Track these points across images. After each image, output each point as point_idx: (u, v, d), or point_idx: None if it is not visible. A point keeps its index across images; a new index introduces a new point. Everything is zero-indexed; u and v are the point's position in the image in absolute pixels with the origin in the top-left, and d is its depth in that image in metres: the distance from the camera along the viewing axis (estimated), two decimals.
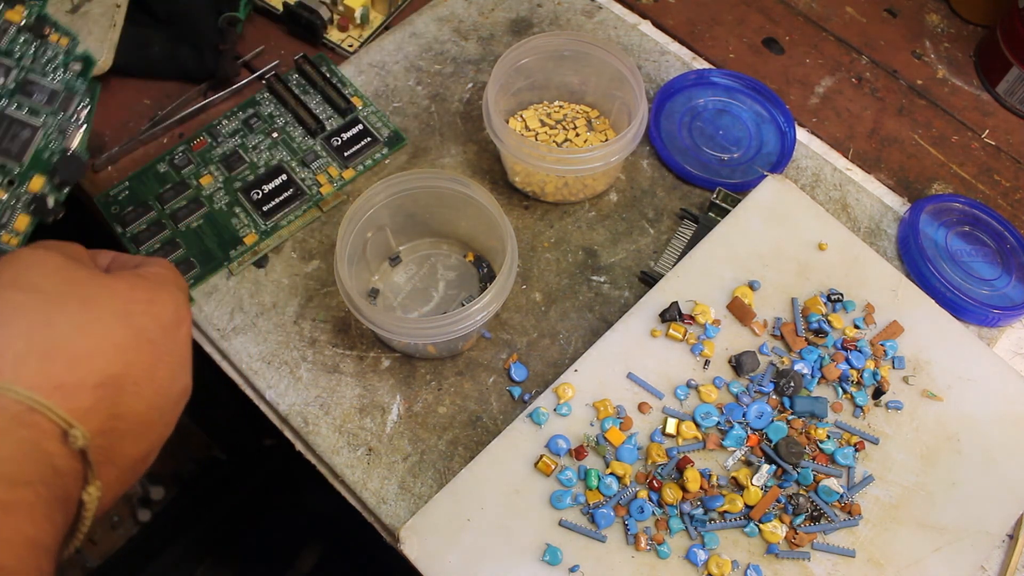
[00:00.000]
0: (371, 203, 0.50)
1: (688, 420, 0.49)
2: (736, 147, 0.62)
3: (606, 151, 0.53)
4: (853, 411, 0.50)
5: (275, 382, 0.52)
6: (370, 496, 0.49)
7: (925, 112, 0.66)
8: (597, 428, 0.48)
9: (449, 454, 0.50)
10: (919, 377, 0.51)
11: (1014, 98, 0.65)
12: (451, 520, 0.46)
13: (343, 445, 0.50)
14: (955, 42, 0.70)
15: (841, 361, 0.51)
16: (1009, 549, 0.48)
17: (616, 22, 0.68)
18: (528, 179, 0.57)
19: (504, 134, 0.54)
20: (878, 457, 0.49)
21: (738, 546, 0.46)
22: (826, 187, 0.61)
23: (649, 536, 0.46)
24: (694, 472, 0.47)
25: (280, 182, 0.57)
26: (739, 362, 0.50)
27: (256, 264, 0.56)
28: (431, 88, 0.64)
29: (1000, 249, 0.58)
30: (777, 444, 0.48)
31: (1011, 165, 0.63)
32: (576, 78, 0.61)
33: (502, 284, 0.48)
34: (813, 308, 0.52)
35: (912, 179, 0.62)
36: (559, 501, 0.46)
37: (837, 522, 0.46)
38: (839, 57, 0.68)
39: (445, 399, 0.52)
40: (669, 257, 0.56)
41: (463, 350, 0.53)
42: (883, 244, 0.59)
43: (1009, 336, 0.56)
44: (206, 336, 0.54)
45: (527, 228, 0.58)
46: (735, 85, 0.64)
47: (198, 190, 0.57)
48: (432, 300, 0.55)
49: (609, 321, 0.53)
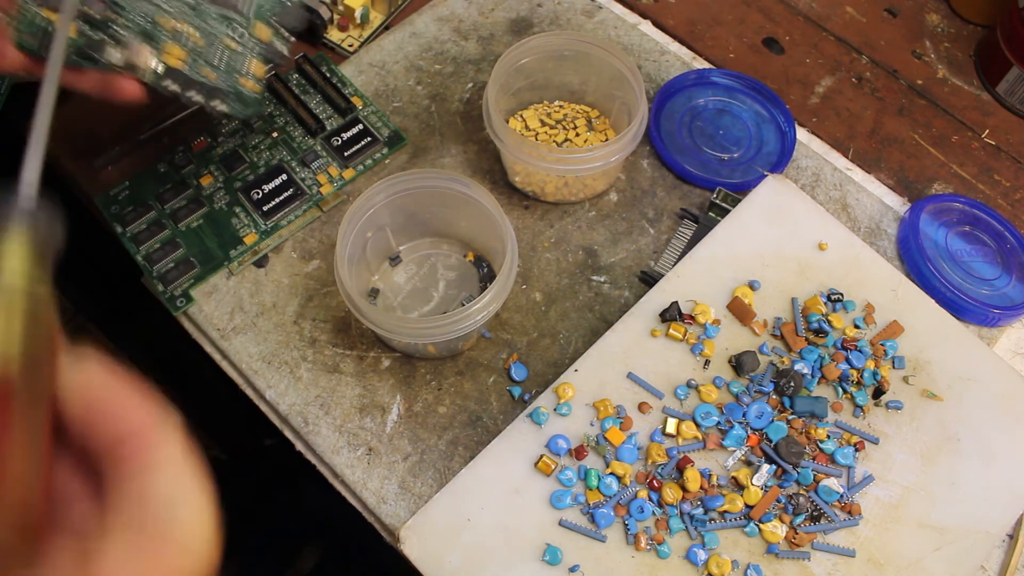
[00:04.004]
0: (371, 203, 0.50)
1: (688, 420, 0.49)
2: (736, 147, 0.62)
3: (606, 151, 0.52)
4: (853, 411, 0.50)
5: (275, 382, 0.52)
6: (370, 496, 0.49)
7: (925, 112, 0.66)
8: (597, 428, 0.48)
9: (449, 454, 0.50)
10: (919, 377, 0.51)
11: (1014, 98, 0.65)
12: (451, 520, 0.46)
13: (343, 445, 0.50)
14: (955, 42, 0.70)
15: (841, 361, 0.51)
16: (1009, 549, 0.48)
17: (616, 22, 0.68)
18: (528, 179, 0.57)
19: (504, 134, 0.54)
20: (878, 457, 0.49)
21: (738, 546, 0.46)
22: (826, 187, 0.61)
23: (649, 536, 0.46)
24: (694, 472, 0.47)
25: (280, 182, 0.57)
26: (739, 362, 0.50)
27: (256, 264, 0.56)
28: (431, 88, 0.64)
29: (1000, 249, 0.58)
30: (777, 444, 0.48)
31: (1011, 165, 0.63)
32: (576, 78, 0.61)
33: (502, 284, 0.48)
34: (813, 308, 0.52)
35: (912, 179, 0.62)
36: (559, 501, 0.46)
37: (837, 522, 0.46)
38: (839, 57, 0.68)
39: (445, 399, 0.52)
40: (669, 257, 0.56)
41: (463, 350, 0.53)
42: (883, 244, 0.59)
43: (1009, 336, 0.56)
44: (206, 336, 0.54)
45: (527, 228, 0.58)
46: (735, 85, 0.64)
47: (198, 190, 0.57)
48: (432, 300, 0.55)
49: (609, 321, 0.53)
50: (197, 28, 0.44)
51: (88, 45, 0.43)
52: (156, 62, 0.44)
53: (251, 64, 0.45)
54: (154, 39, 0.44)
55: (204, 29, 0.44)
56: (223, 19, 0.45)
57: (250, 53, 0.45)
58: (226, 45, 0.45)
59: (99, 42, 0.43)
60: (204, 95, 0.45)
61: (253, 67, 0.45)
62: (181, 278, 0.54)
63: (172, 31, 0.44)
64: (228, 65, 0.45)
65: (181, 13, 0.44)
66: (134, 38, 0.43)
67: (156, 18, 0.43)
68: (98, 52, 0.43)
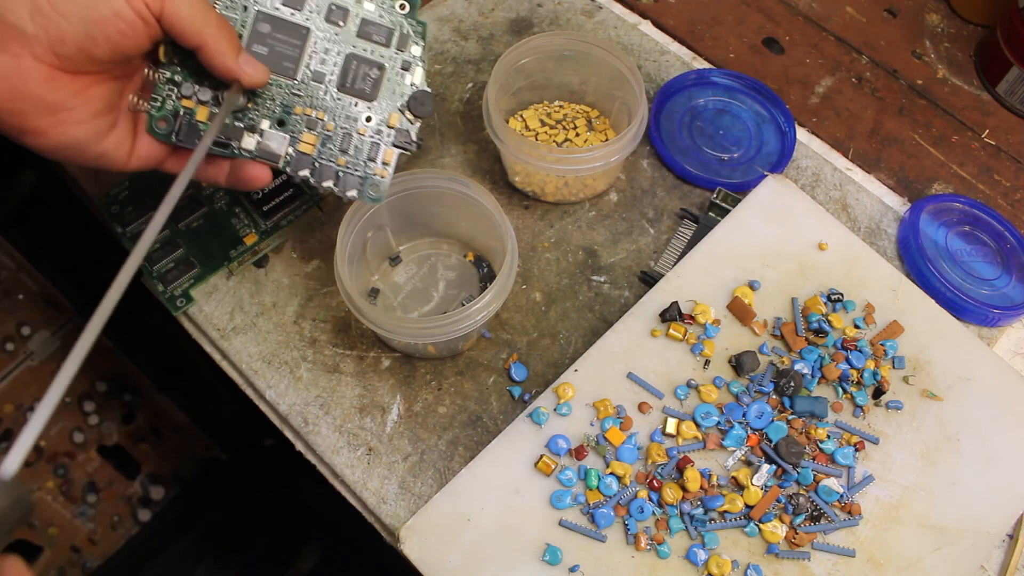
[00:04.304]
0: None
1: (688, 420, 0.49)
2: (736, 147, 0.62)
3: (606, 151, 0.53)
4: (853, 411, 0.50)
5: (275, 382, 0.52)
6: (370, 496, 0.49)
7: (925, 112, 0.66)
8: (597, 428, 0.48)
9: (449, 454, 0.50)
10: (919, 377, 0.51)
11: (1014, 98, 0.65)
12: (451, 520, 0.46)
13: (343, 445, 0.50)
14: (955, 42, 0.70)
15: (841, 361, 0.51)
16: (1009, 549, 0.48)
17: (616, 22, 0.68)
18: (528, 179, 0.57)
19: (504, 134, 0.54)
20: (878, 457, 0.49)
21: (738, 546, 0.46)
22: (826, 187, 0.61)
23: (649, 536, 0.46)
24: (694, 472, 0.47)
25: (280, 182, 0.57)
26: (739, 362, 0.50)
27: (256, 264, 0.56)
28: (431, 88, 0.63)
29: (1000, 249, 0.58)
30: (777, 444, 0.48)
31: (1011, 165, 0.63)
32: (576, 78, 0.61)
33: (502, 284, 0.48)
34: (813, 308, 0.52)
35: (912, 179, 0.62)
36: (559, 501, 0.46)
37: (837, 522, 0.46)
38: (839, 57, 0.68)
39: (445, 399, 0.52)
40: (669, 257, 0.56)
41: (463, 350, 0.53)
42: (883, 244, 0.59)
43: (1009, 336, 0.56)
44: (206, 336, 0.54)
45: (527, 228, 0.58)
46: (735, 85, 0.64)
47: (198, 190, 0.57)
48: (432, 300, 0.55)
49: (609, 321, 0.53)
50: (330, 115, 0.45)
51: (224, 132, 0.44)
52: (290, 149, 0.45)
53: (384, 152, 0.46)
54: (289, 126, 0.45)
55: (337, 116, 0.45)
56: (356, 108, 0.45)
57: (382, 140, 0.46)
58: (359, 132, 0.45)
59: (237, 130, 0.44)
60: (336, 183, 0.45)
61: (385, 154, 0.46)
62: (181, 278, 0.54)
63: (306, 118, 0.45)
64: (360, 152, 0.45)
65: (315, 101, 0.45)
66: (270, 126, 0.45)
67: (292, 107, 0.45)
68: (236, 140, 0.44)
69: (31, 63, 0.36)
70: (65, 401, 0.95)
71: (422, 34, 0.45)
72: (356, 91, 0.45)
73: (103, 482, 0.99)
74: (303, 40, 0.44)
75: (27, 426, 0.29)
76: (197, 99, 0.43)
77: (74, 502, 0.97)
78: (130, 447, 1.01)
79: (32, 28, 0.36)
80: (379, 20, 0.45)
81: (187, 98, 0.43)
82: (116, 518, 1.01)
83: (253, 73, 0.42)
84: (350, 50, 0.45)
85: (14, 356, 0.91)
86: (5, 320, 0.90)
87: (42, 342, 0.92)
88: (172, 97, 0.43)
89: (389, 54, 0.45)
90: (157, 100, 0.43)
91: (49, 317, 0.92)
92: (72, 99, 0.38)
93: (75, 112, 0.39)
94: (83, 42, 0.37)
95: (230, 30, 0.41)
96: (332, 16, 0.44)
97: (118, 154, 0.42)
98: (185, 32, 0.39)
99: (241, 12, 0.43)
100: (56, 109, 0.38)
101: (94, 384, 0.98)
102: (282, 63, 0.44)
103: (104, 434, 0.99)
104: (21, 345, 0.91)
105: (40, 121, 0.38)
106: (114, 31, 0.37)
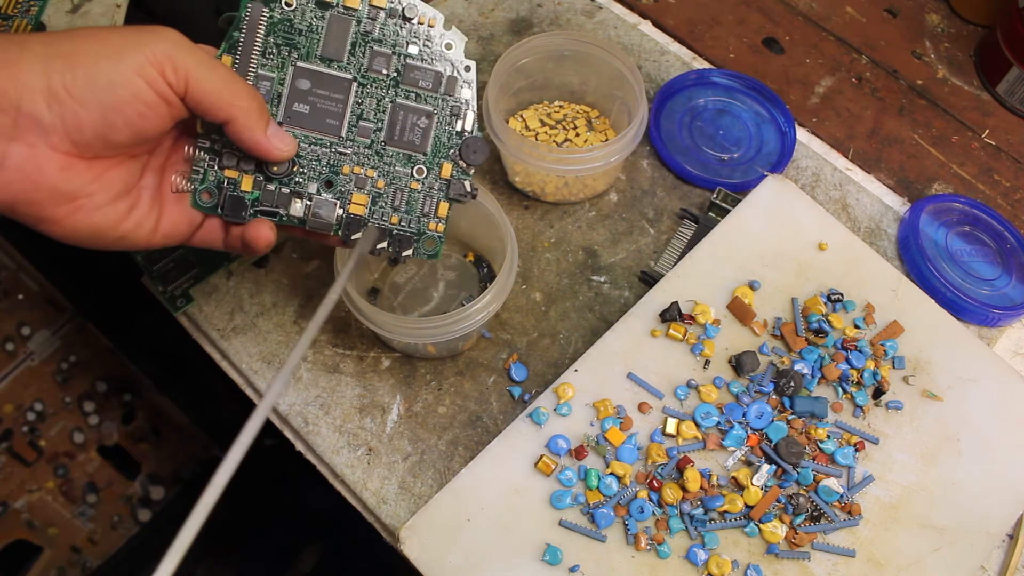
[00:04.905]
0: None
1: (688, 420, 0.49)
2: (736, 147, 0.62)
3: (606, 151, 0.53)
4: (853, 411, 0.50)
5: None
6: (370, 496, 0.49)
7: (925, 112, 0.66)
8: (597, 428, 0.48)
9: (449, 454, 0.50)
10: (919, 377, 0.51)
11: (1014, 98, 0.65)
12: (451, 520, 0.46)
13: (343, 445, 0.50)
14: (955, 42, 0.70)
15: (841, 361, 0.51)
16: (1009, 549, 0.48)
17: (616, 22, 0.68)
18: (528, 179, 0.57)
19: (504, 134, 0.54)
20: (878, 457, 0.49)
21: (738, 546, 0.46)
22: (826, 187, 0.61)
23: (649, 536, 0.46)
24: (694, 472, 0.47)
25: None
26: (739, 362, 0.50)
27: (256, 264, 0.56)
28: None
29: (1000, 249, 0.58)
30: (777, 444, 0.48)
31: (1011, 165, 0.63)
32: (576, 78, 0.61)
33: (502, 284, 0.48)
34: (813, 308, 0.52)
35: (912, 179, 0.62)
36: (559, 501, 0.46)
37: (837, 522, 0.46)
38: (839, 57, 0.68)
39: (445, 399, 0.52)
40: (669, 257, 0.56)
41: (463, 350, 0.53)
42: (883, 244, 0.59)
43: (1009, 336, 0.56)
44: (206, 336, 0.54)
45: (527, 228, 0.58)
46: (735, 85, 0.64)
47: None
48: (432, 300, 0.55)
49: (609, 321, 0.53)
50: (380, 172, 0.42)
51: (266, 199, 0.41)
52: (341, 211, 0.42)
53: (437, 205, 0.43)
54: (337, 187, 0.42)
55: (387, 173, 0.43)
56: (406, 161, 0.43)
57: (435, 194, 0.43)
58: (411, 187, 0.43)
59: (284, 196, 0.41)
60: (391, 244, 0.43)
61: (440, 208, 0.43)
62: (181, 278, 0.54)
63: (355, 177, 0.42)
64: (413, 208, 0.43)
65: (363, 158, 0.42)
66: (317, 189, 0.42)
67: (340, 167, 0.42)
68: (284, 208, 0.41)
69: (47, 152, 0.35)
70: (65, 401, 0.95)
71: (473, 75, 0.42)
72: (405, 143, 0.42)
73: (103, 482, 0.99)
74: (346, 93, 0.41)
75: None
76: (240, 168, 0.41)
77: (74, 502, 0.97)
78: (130, 447, 1.01)
79: (48, 116, 0.34)
80: (424, 64, 0.42)
81: (230, 168, 0.41)
82: (116, 518, 1.01)
83: (282, 147, 0.39)
84: (396, 99, 0.42)
85: (14, 356, 0.91)
86: (5, 320, 0.90)
87: (42, 342, 0.92)
88: (215, 168, 0.41)
89: (437, 100, 0.42)
90: (199, 172, 0.40)
91: (49, 317, 0.92)
92: (89, 185, 0.36)
93: (93, 198, 0.37)
94: (101, 128, 0.35)
95: (260, 101, 0.39)
96: (375, 64, 0.41)
97: (140, 233, 0.40)
98: (212, 108, 0.37)
99: (278, 71, 0.41)
100: (73, 197, 0.36)
101: (94, 384, 0.98)
102: (325, 120, 0.41)
103: (104, 434, 0.99)
104: (21, 345, 0.91)
105: (56, 210, 0.36)
106: (134, 115, 0.35)
